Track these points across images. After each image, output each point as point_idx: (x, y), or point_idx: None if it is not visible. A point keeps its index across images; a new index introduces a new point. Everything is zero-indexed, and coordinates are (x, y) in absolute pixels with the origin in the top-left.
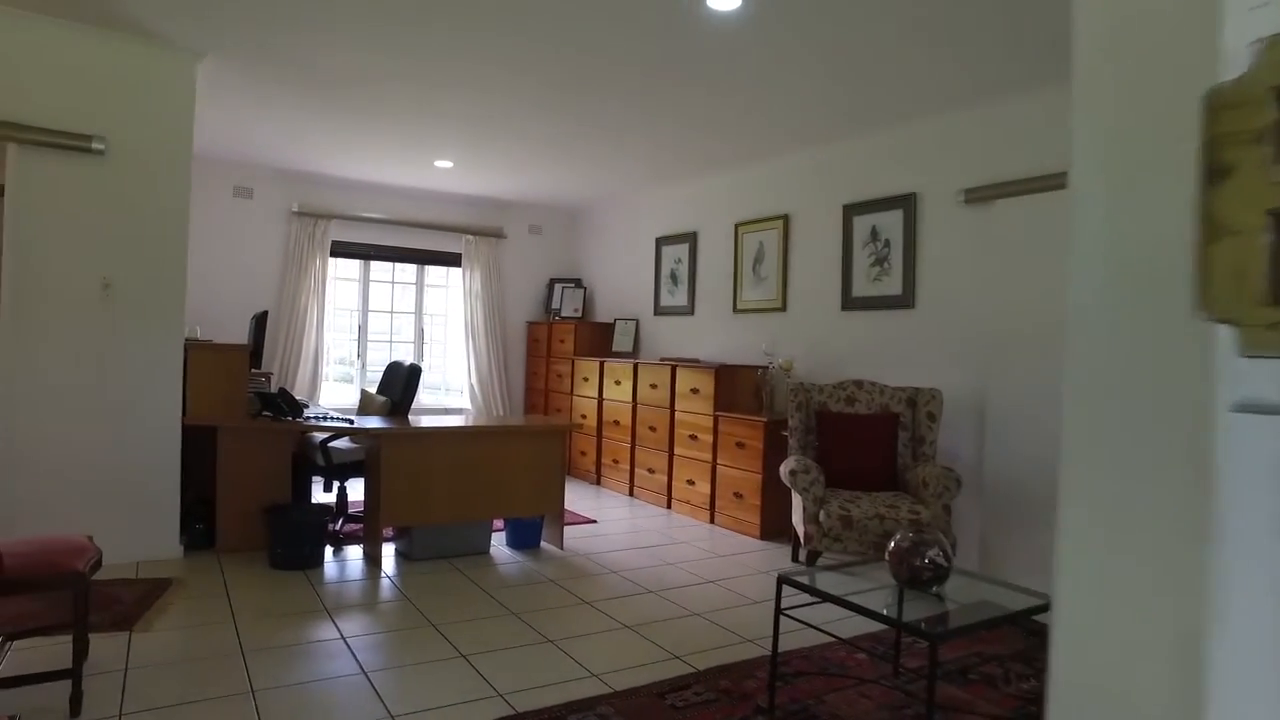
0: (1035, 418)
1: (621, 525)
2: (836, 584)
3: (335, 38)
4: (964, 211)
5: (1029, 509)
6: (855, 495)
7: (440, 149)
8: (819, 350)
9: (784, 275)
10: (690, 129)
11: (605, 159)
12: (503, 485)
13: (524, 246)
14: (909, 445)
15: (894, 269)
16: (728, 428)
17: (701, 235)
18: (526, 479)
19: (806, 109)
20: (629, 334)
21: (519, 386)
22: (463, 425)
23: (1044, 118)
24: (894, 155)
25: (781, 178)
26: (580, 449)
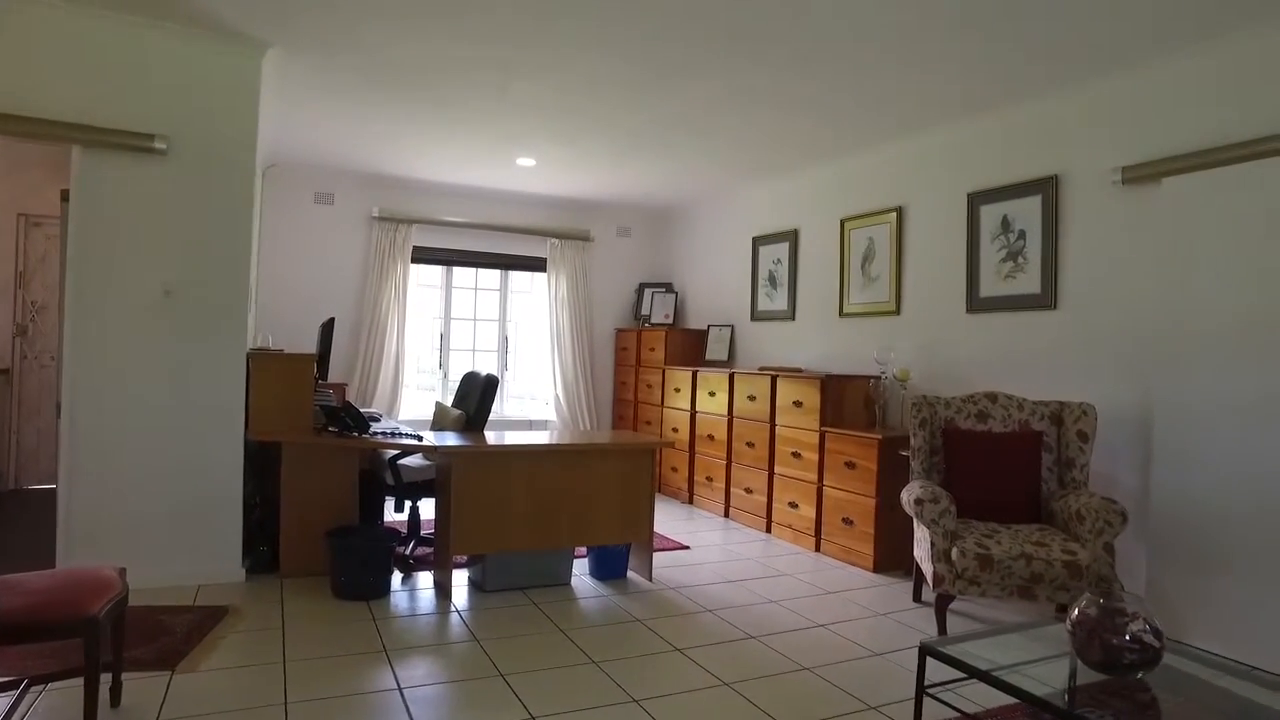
0: (1222, 438)
1: (716, 552)
2: (995, 652)
3: (407, 25)
4: (1120, 194)
5: (1212, 552)
6: (993, 529)
7: (522, 145)
8: (940, 358)
9: (897, 274)
10: (789, 115)
11: (696, 152)
12: (586, 509)
13: (612, 249)
14: (1054, 470)
15: (1030, 264)
16: (836, 445)
17: (803, 233)
18: (612, 503)
19: (922, 86)
20: (724, 341)
21: (607, 397)
22: (542, 443)
23: (1220, 75)
24: (1028, 133)
25: (893, 166)
26: (671, 465)
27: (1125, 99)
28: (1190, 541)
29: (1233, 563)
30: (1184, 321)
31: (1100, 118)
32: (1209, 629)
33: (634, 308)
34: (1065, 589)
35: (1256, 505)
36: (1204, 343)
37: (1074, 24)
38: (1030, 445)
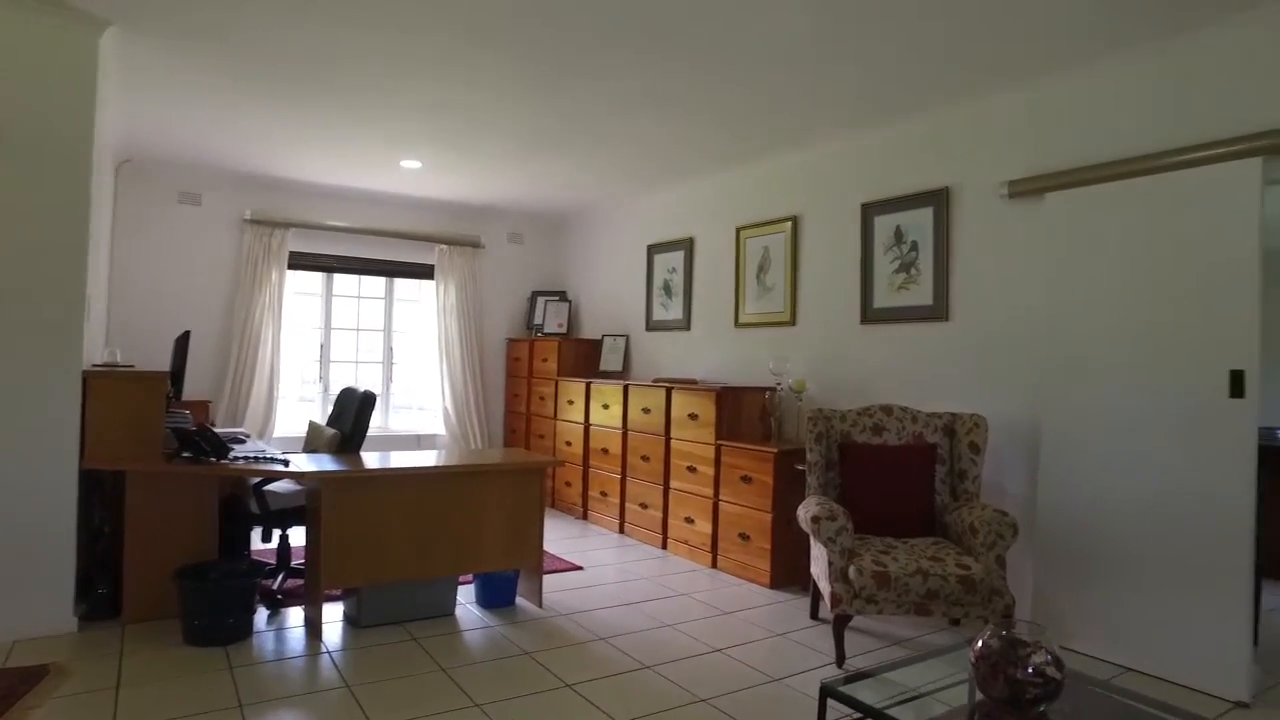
0: (1103, 447)
1: (610, 572)
2: (899, 687)
3: (267, 7)
4: (1007, 207)
5: (1095, 559)
6: (889, 544)
7: (407, 146)
8: (835, 369)
9: (793, 284)
10: (684, 121)
11: (590, 157)
12: (471, 534)
13: (503, 256)
14: (948, 482)
15: (923, 275)
16: (731, 459)
17: (698, 241)
18: (499, 526)
19: (818, 96)
20: (618, 352)
21: (498, 409)
22: (422, 465)
23: (1103, 95)
24: (921, 145)
25: (789, 175)
26: (565, 480)
27: (1012, 114)
28: (1074, 550)
29: (1114, 569)
30: (1067, 333)
31: (989, 132)
32: (1092, 635)
33: (526, 317)
34: (960, 604)
35: (1135, 513)
36: (1085, 354)
37: (964, 39)
38: (924, 458)
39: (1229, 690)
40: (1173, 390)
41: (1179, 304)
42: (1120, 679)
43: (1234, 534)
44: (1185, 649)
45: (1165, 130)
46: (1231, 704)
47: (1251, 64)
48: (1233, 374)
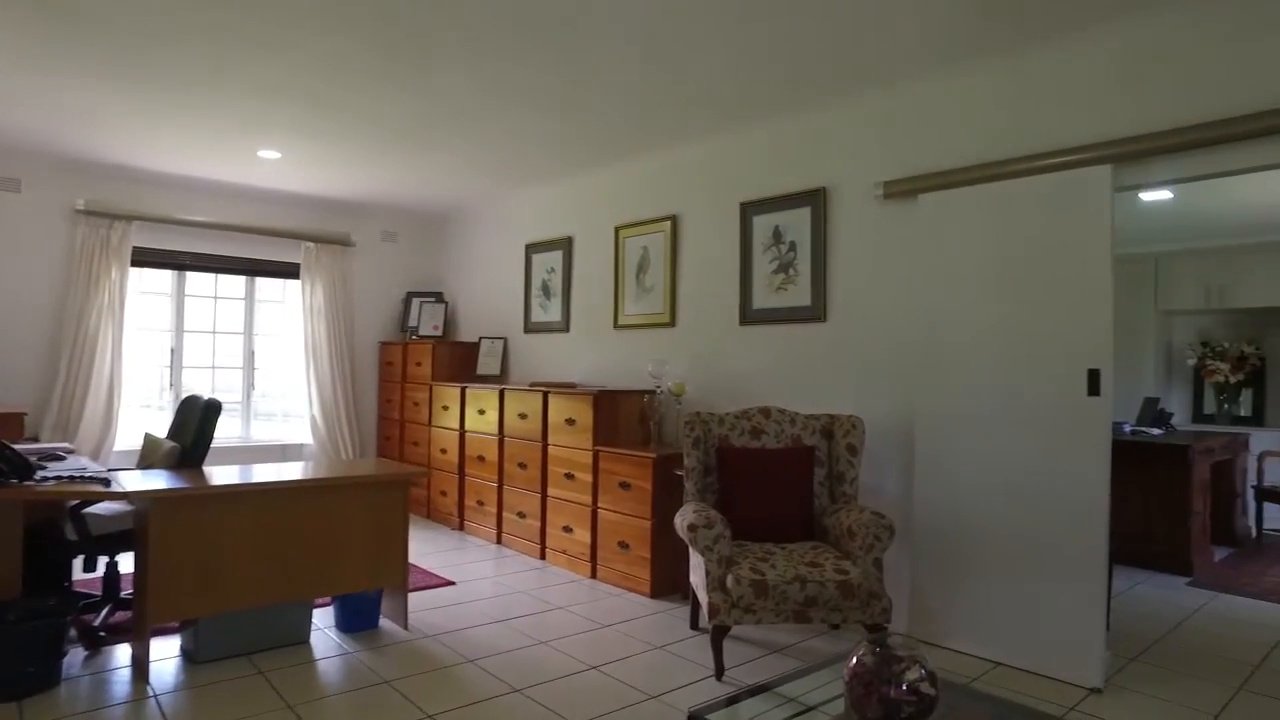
0: (973, 445)
1: (485, 586)
2: (777, 699)
3: None
4: (882, 208)
5: (967, 556)
6: (769, 551)
7: (263, 135)
8: (715, 372)
9: (672, 285)
10: (561, 117)
11: (463, 152)
12: (327, 553)
13: (376, 255)
14: (826, 484)
15: (801, 276)
16: (609, 465)
17: (577, 241)
18: (359, 543)
19: (697, 92)
20: (496, 355)
21: (371, 416)
22: (270, 480)
23: (971, 99)
24: (800, 145)
25: (668, 173)
26: (441, 488)
27: (887, 115)
28: (948, 548)
29: (984, 566)
30: (939, 333)
31: (865, 132)
32: (965, 632)
33: (401, 319)
34: (838, 609)
35: (1003, 509)
36: (955, 355)
37: (838, 39)
38: (803, 461)
39: (1085, 678)
40: (1036, 389)
41: (1041, 305)
42: (990, 675)
43: (1091, 526)
44: (1048, 640)
45: (1026, 135)
46: (1087, 691)
47: (1102, 74)
48: (1090, 373)
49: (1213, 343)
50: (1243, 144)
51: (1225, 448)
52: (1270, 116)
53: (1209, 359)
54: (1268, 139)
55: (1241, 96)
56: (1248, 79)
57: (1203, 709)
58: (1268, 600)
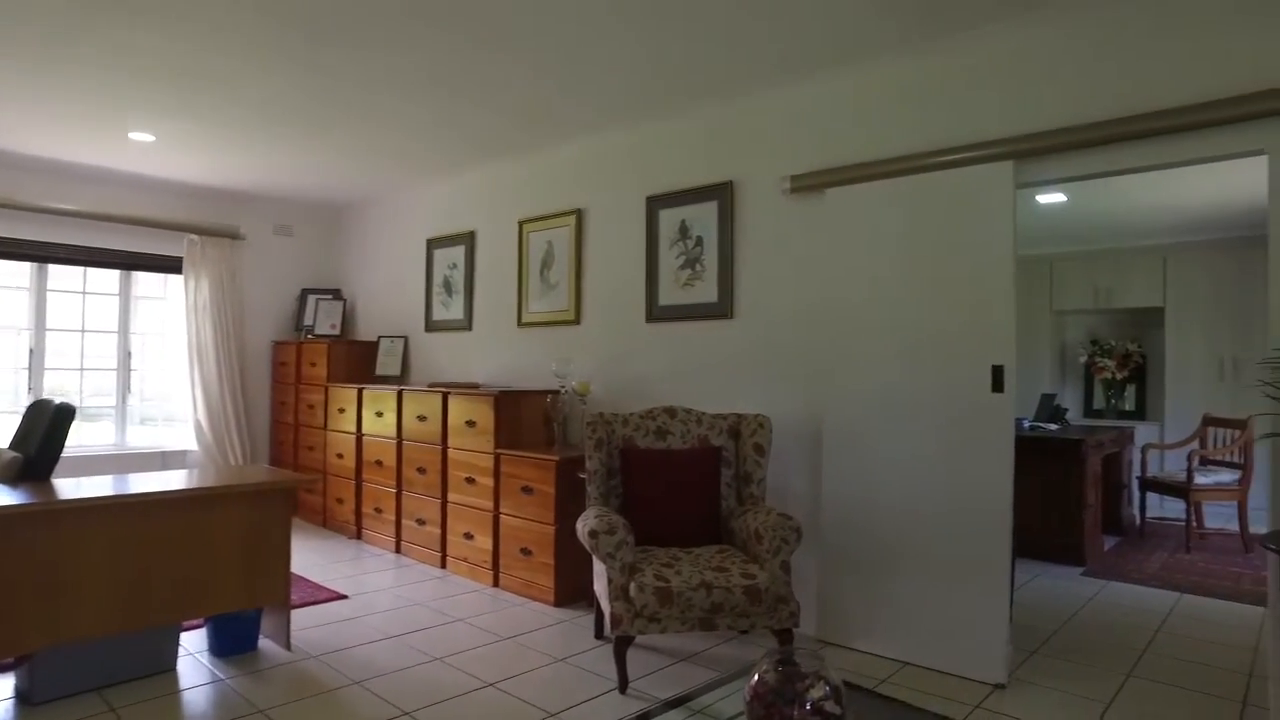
0: (878, 443)
1: (382, 599)
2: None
3: None
4: (790, 202)
5: (872, 557)
6: (674, 556)
7: (134, 115)
8: (621, 370)
9: (577, 281)
10: (462, 104)
11: (360, 140)
12: (197, 571)
13: (268, 250)
14: (733, 485)
15: (708, 272)
16: (511, 468)
17: (480, 235)
18: (234, 559)
19: (602, 82)
20: (396, 355)
21: (263, 420)
22: (127, 493)
23: (877, 93)
24: (707, 137)
25: (573, 165)
26: (337, 495)
27: (795, 108)
28: (855, 548)
29: (891, 565)
30: (845, 331)
31: (773, 125)
32: (874, 632)
33: (296, 317)
34: (745, 615)
35: (909, 507)
36: (862, 352)
37: (745, 30)
38: (709, 462)
39: (990, 674)
40: (941, 386)
41: (945, 301)
42: (898, 675)
43: (995, 522)
44: (954, 638)
45: (931, 131)
46: (991, 687)
47: (1003, 70)
48: (994, 369)
49: (1101, 341)
50: (1133, 144)
51: (1114, 441)
52: (1157, 118)
53: (1098, 356)
54: (1155, 140)
55: (1132, 98)
56: (1137, 81)
57: (1096, 698)
58: (1150, 586)
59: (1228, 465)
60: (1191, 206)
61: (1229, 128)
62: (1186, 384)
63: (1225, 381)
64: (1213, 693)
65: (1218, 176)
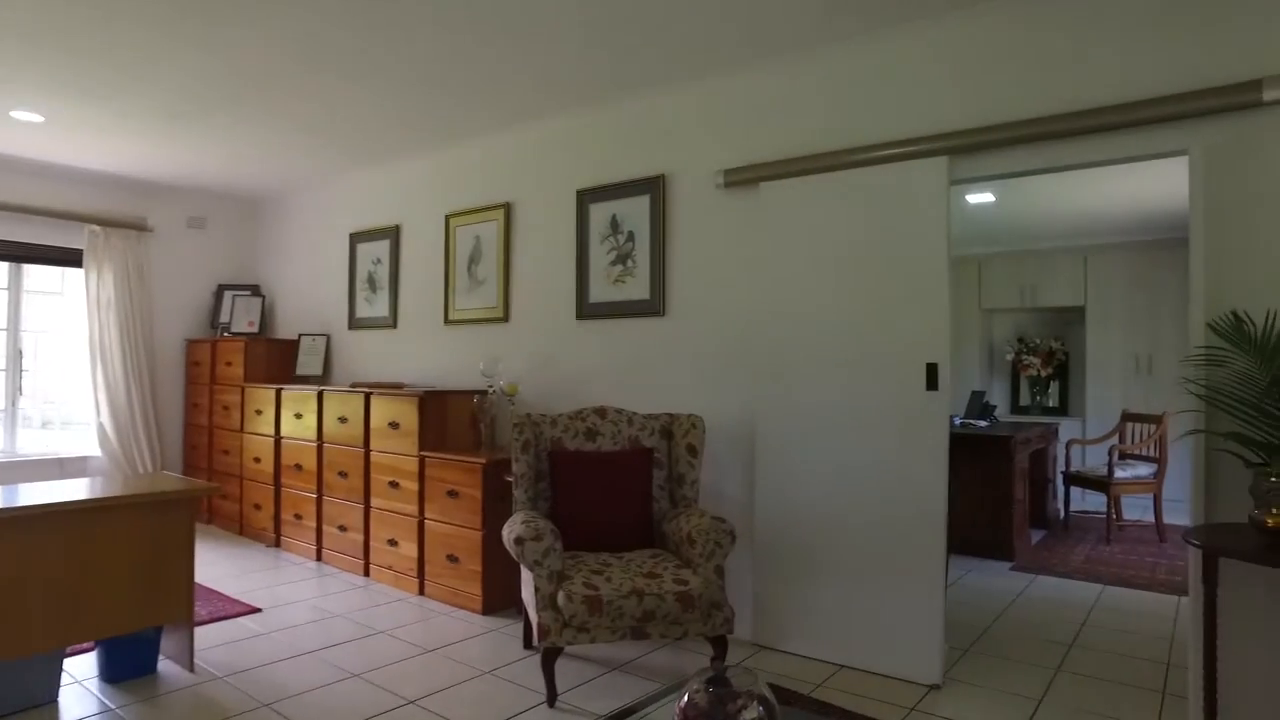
0: (812, 444)
1: (298, 611)
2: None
3: None
4: (724, 197)
5: (808, 559)
6: (605, 562)
7: (16, 91)
8: (551, 370)
9: (506, 277)
10: (385, 91)
11: (274, 127)
12: (85, 590)
13: (180, 243)
14: (666, 488)
15: (640, 268)
16: (437, 472)
17: (405, 229)
18: (128, 575)
19: (531, 70)
20: (318, 354)
21: (175, 423)
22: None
23: (812, 85)
24: (639, 130)
25: (502, 158)
26: (254, 501)
27: (728, 100)
28: (791, 550)
29: (828, 566)
30: (779, 328)
31: (706, 117)
32: (811, 636)
33: (211, 314)
34: (678, 623)
35: (845, 507)
36: (796, 350)
37: (679, 21)
38: (641, 463)
39: (925, 674)
40: (876, 384)
41: (881, 299)
42: (834, 679)
43: (930, 522)
44: (890, 639)
45: (866, 125)
46: (927, 688)
47: (938, 65)
48: (928, 367)
49: (1027, 339)
50: (1064, 141)
51: (1040, 437)
52: (1089, 116)
53: (1024, 354)
54: (1086, 138)
55: (1065, 96)
56: (1070, 79)
57: (1028, 695)
58: (1075, 579)
59: (1144, 459)
60: (1109, 209)
61: (1155, 127)
62: (1106, 380)
63: (1141, 377)
64: (1135, 684)
65: (1134, 181)
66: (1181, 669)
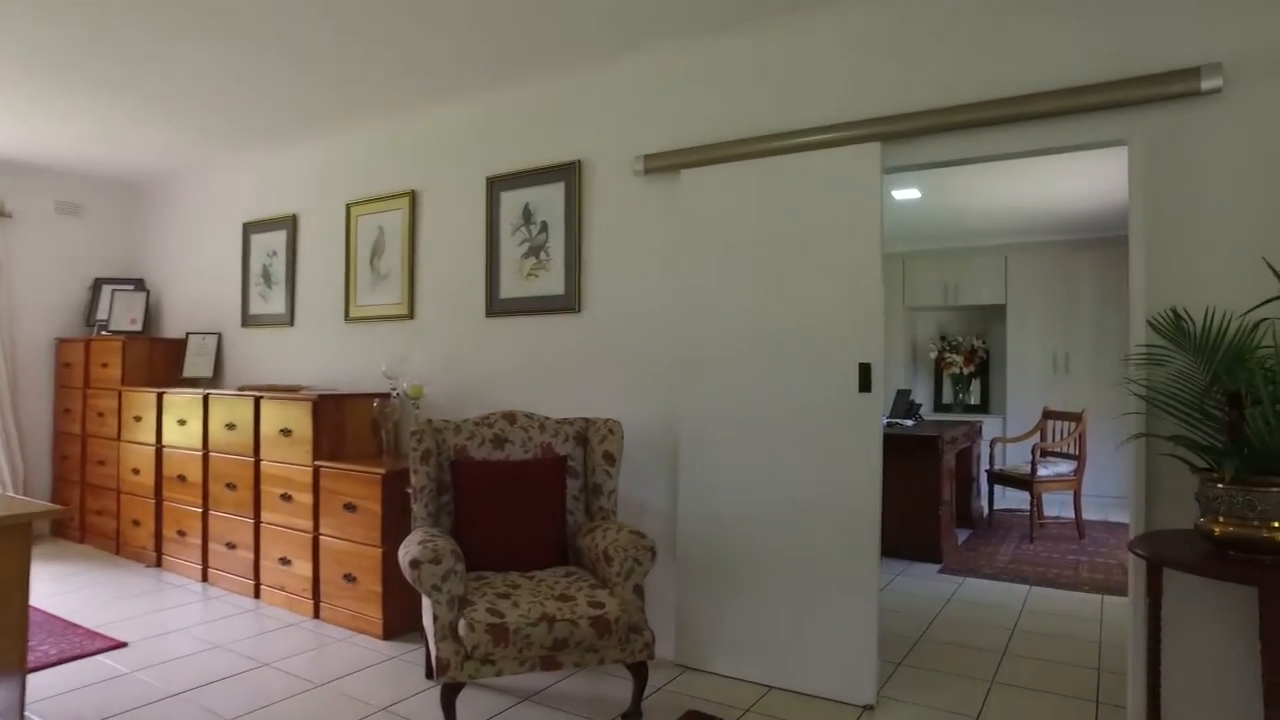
0: (735, 450)
1: (173, 643)
2: None
3: None
4: (643, 185)
5: (736, 574)
6: (513, 583)
7: None
8: (459, 371)
9: (411, 271)
10: (273, 64)
11: (160, 106)
12: None
13: (48, 232)
14: (581, 499)
15: (554, 261)
16: (333, 483)
17: (303, 219)
18: None
19: (441, 47)
20: (208, 354)
21: (43, 431)
22: None
23: (745, 67)
24: (553, 113)
25: (406, 143)
26: (133, 517)
27: (647, 82)
28: (717, 565)
29: (756, 581)
30: (701, 325)
31: (626, 100)
32: (739, 656)
33: (88, 311)
34: (593, 650)
35: (773, 518)
36: (722, 347)
37: None
38: (554, 473)
39: (859, 694)
40: (806, 385)
41: (810, 295)
42: (763, 702)
43: (862, 532)
44: (821, 658)
45: (795, 109)
46: (860, 709)
47: (872, 48)
48: (861, 367)
49: (950, 337)
50: (1001, 128)
51: (966, 436)
52: (1025, 102)
53: (947, 352)
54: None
55: (1001, 82)
56: (1007, 65)
57: (965, 711)
58: (1001, 580)
59: (1065, 457)
60: (1029, 208)
61: (1094, 115)
62: (1026, 378)
63: (1059, 375)
64: (1070, 694)
65: (1051, 180)
66: (1112, 674)
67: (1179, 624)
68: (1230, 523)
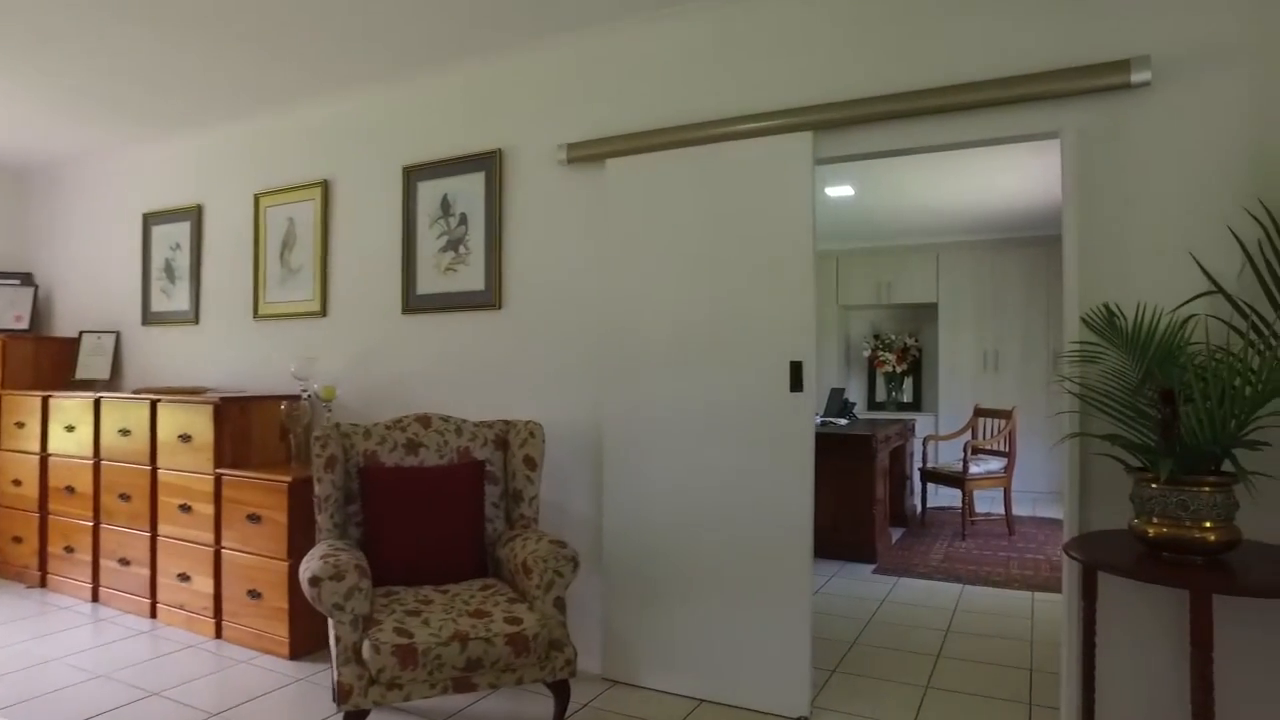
0: (664, 453)
1: (50, 674)
2: None
3: None
4: (566, 175)
5: (664, 583)
6: (425, 598)
7: None
8: (374, 371)
9: (323, 265)
10: (183, 50)
11: (36, 81)
12: None
13: None
14: (501, 505)
15: (474, 254)
16: (236, 492)
17: (208, 210)
18: None
19: (352, 28)
20: (104, 354)
21: None
22: None
23: (671, 51)
24: (473, 99)
25: (318, 129)
26: (14, 533)
27: (570, 67)
28: (644, 573)
29: (684, 591)
30: (626, 322)
31: (548, 86)
32: (669, 669)
33: None
34: (510, 669)
35: (703, 523)
36: (647, 345)
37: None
38: (471, 480)
39: (792, 706)
40: (735, 385)
41: (740, 290)
42: (693, 717)
43: (795, 538)
44: (753, 668)
45: (723, 97)
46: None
47: (803, 34)
48: (793, 366)
49: (883, 335)
50: (934, 118)
51: (899, 434)
52: (958, 92)
53: (880, 350)
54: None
55: (935, 71)
56: (940, 54)
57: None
58: (935, 579)
59: (995, 454)
60: (961, 207)
61: (1026, 106)
62: (957, 376)
63: (989, 373)
64: (1003, 696)
65: (984, 178)
66: (1044, 674)
67: (1113, 625)
68: (1164, 524)
